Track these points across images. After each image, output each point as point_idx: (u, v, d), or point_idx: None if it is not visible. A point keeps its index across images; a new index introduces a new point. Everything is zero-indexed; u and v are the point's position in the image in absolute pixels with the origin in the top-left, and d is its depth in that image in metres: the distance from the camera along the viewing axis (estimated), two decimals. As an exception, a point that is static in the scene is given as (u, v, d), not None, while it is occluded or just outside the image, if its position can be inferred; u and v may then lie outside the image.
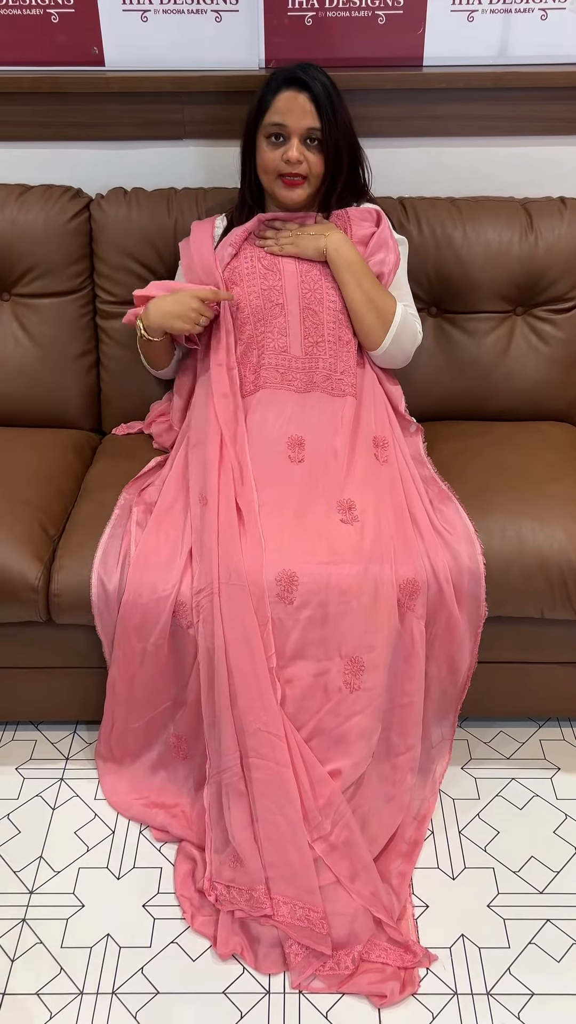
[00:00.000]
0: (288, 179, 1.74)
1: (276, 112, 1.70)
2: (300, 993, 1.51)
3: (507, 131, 2.04)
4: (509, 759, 1.91)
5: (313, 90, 1.68)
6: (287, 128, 1.70)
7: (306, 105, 1.68)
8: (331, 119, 1.69)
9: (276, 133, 1.71)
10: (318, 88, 1.68)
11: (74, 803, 1.82)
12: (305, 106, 1.68)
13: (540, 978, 1.53)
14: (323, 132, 1.70)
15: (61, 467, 1.95)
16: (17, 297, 2.05)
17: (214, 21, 1.96)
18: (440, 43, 1.97)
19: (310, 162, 1.72)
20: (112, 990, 1.52)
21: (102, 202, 2.01)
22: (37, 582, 1.70)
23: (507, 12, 1.94)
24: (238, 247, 1.81)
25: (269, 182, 1.77)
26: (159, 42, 1.97)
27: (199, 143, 2.06)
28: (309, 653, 1.57)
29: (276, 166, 1.73)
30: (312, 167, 1.73)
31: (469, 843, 1.74)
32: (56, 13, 1.95)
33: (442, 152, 2.06)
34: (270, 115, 1.71)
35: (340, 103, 1.72)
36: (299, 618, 1.56)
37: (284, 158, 1.71)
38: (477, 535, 1.68)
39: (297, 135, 1.70)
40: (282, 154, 1.71)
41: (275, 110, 1.70)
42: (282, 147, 1.72)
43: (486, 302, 2.00)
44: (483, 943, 1.58)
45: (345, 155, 1.75)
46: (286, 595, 1.55)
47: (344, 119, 1.73)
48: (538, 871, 1.69)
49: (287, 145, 1.71)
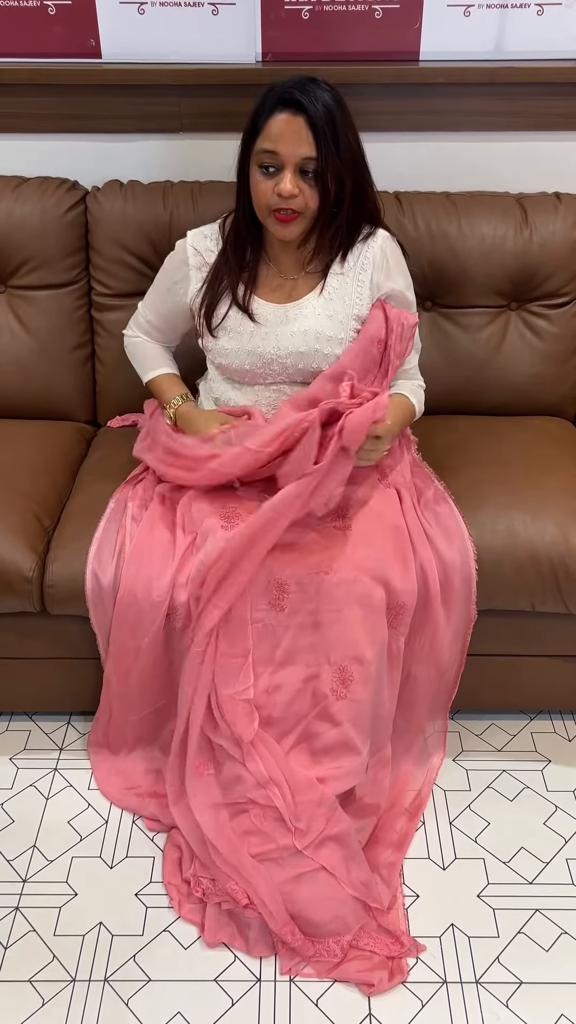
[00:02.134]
0: (281, 214, 1.54)
1: (268, 138, 1.50)
2: (291, 980, 1.52)
3: (503, 126, 2.05)
4: (500, 751, 1.92)
5: (310, 112, 1.47)
6: (280, 156, 1.50)
7: (302, 131, 1.47)
8: (330, 147, 1.48)
9: (269, 164, 1.51)
10: (316, 110, 1.47)
11: (67, 793, 1.83)
12: (301, 132, 1.48)
13: (529, 967, 1.54)
14: (319, 163, 1.49)
15: (56, 459, 1.96)
16: (13, 289, 2.05)
17: (211, 14, 1.96)
18: (437, 38, 1.97)
19: (306, 196, 1.52)
20: (104, 977, 1.53)
21: (98, 195, 2.01)
22: (31, 573, 1.70)
23: (503, 7, 1.94)
24: None
25: (263, 217, 1.58)
26: (156, 35, 1.98)
27: (195, 136, 2.06)
28: (299, 659, 1.57)
29: (268, 200, 1.53)
30: (308, 202, 1.53)
31: (460, 834, 1.75)
32: (53, 5, 1.95)
33: (438, 147, 2.07)
34: (262, 140, 1.50)
35: (345, 125, 1.51)
36: (290, 624, 1.56)
37: (276, 191, 1.51)
38: (471, 537, 1.69)
39: (291, 165, 1.50)
40: (274, 186, 1.52)
41: (267, 135, 1.50)
42: (275, 178, 1.52)
43: (481, 297, 2.01)
44: (473, 932, 1.59)
45: (348, 187, 1.55)
46: (277, 602, 1.56)
47: (349, 145, 1.52)
48: (528, 862, 1.70)
49: (280, 176, 1.51)
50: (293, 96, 1.48)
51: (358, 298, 1.66)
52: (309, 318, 1.64)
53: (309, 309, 1.65)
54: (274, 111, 1.50)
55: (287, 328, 1.65)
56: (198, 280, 1.72)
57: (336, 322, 1.65)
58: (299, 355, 1.65)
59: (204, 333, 1.72)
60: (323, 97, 1.49)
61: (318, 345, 1.64)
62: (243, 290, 1.67)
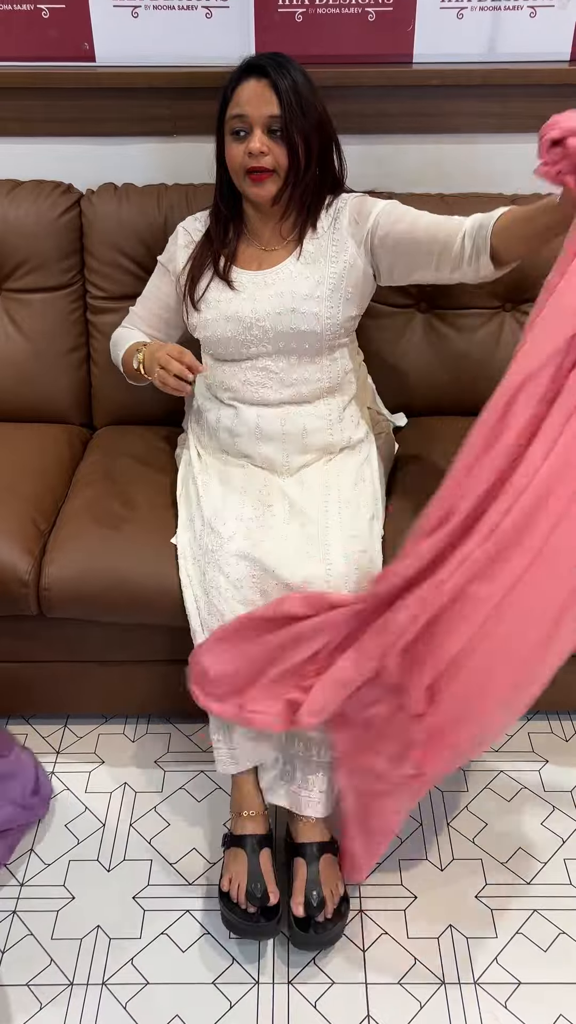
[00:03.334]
0: (254, 174, 1.61)
1: (237, 104, 1.59)
2: (289, 983, 1.52)
3: (496, 128, 2.05)
4: (498, 751, 1.92)
5: (273, 76, 1.56)
6: (248, 118, 1.58)
7: (265, 92, 1.57)
8: (294, 107, 1.57)
9: (239, 128, 1.60)
10: (280, 74, 1.57)
11: (65, 796, 1.83)
12: (265, 94, 1.57)
13: (527, 968, 1.54)
14: (284, 119, 1.57)
15: (52, 462, 1.96)
16: (8, 292, 2.05)
17: (204, 17, 1.96)
18: (430, 40, 1.97)
19: (275, 154, 1.59)
20: (102, 981, 1.53)
21: (93, 197, 2.01)
22: (28, 576, 1.70)
23: (496, 10, 1.95)
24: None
25: (239, 182, 1.65)
26: (150, 38, 1.98)
27: (189, 139, 2.06)
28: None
29: (241, 161, 1.61)
30: (278, 159, 1.60)
31: (457, 835, 1.76)
32: (47, 8, 1.95)
33: (431, 149, 2.07)
34: (231, 107, 1.60)
35: (310, 92, 1.60)
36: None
37: (247, 150, 1.59)
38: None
39: (259, 125, 1.58)
40: (245, 147, 1.60)
41: (236, 102, 1.59)
42: (246, 141, 1.60)
43: (475, 298, 2.01)
44: (471, 933, 1.59)
45: (315, 145, 1.62)
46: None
47: (314, 109, 1.60)
48: (525, 862, 1.71)
49: (250, 137, 1.59)
50: (258, 63, 1.59)
51: (337, 253, 1.67)
52: (285, 281, 1.67)
53: (285, 273, 1.68)
54: (241, 79, 1.60)
55: (264, 291, 1.68)
56: (184, 256, 1.76)
57: (313, 281, 1.66)
58: (276, 316, 1.66)
59: (189, 309, 1.73)
60: (287, 65, 1.59)
61: (294, 304, 1.65)
62: (223, 262, 1.72)
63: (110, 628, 1.77)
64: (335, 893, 1.56)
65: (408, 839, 1.74)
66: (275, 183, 1.63)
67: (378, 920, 1.61)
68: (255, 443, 1.72)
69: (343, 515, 1.64)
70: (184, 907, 1.64)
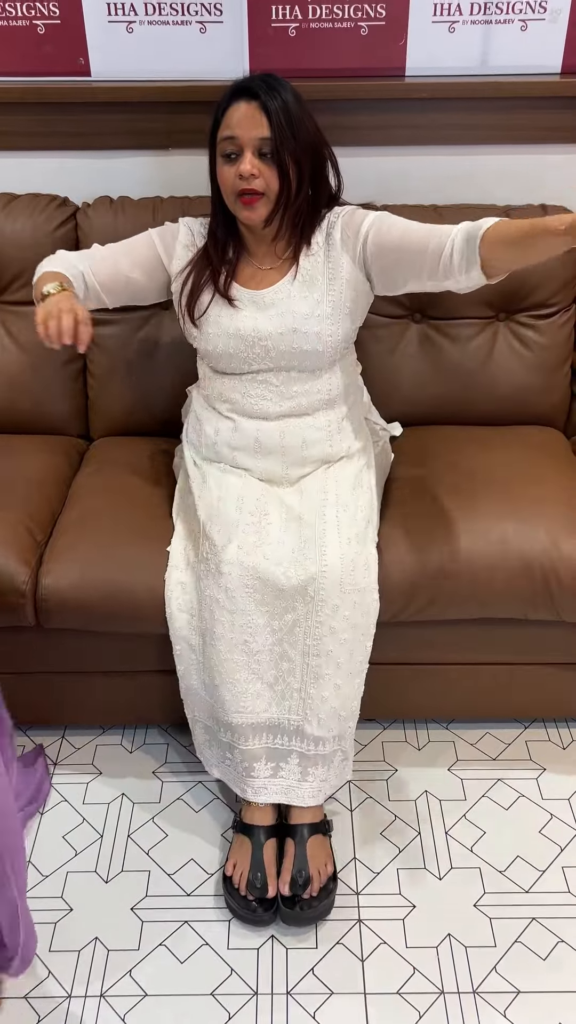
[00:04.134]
0: (245, 196, 1.59)
1: (228, 126, 1.58)
2: (288, 994, 1.52)
3: (488, 140, 2.07)
4: (495, 760, 1.92)
5: (263, 98, 1.55)
6: (239, 140, 1.57)
7: (256, 115, 1.55)
8: (284, 129, 1.56)
9: (230, 151, 1.58)
10: (270, 96, 1.56)
11: (62, 807, 1.83)
12: (255, 116, 1.56)
13: (526, 976, 1.54)
14: (274, 142, 1.56)
15: (49, 473, 1.97)
16: (4, 304, 2.06)
17: (199, 32, 1.98)
18: (422, 53, 1.99)
19: (266, 176, 1.58)
20: (100, 993, 1.52)
21: (88, 211, 2.03)
22: (25, 586, 1.70)
23: (488, 23, 1.97)
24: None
25: (231, 204, 1.64)
26: (145, 53, 2.00)
27: (184, 152, 2.07)
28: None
29: (232, 183, 1.59)
30: (268, 181, 1.59)
31: (455, 843, 1.75)
32: (42, 24, 1.97)
33: (424, 161, 2.09)
34: (222, 129, 1.59)
35: (300, 111, 1.58)
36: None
37: (238, 172, 1.58)
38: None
39: (250, 148, 1.57)
40: (236, 169, 1.58)
41: (227, 124, 1.58)
42: (236, 163, 1.59)
43: (469, 308, 2.02)
44: (469, 942, 1.59)
45: (306, 167, 1.61)
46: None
47: (305, 128, 1.59)
48: (524, 871, 1.70)
49: (241, 159, 1.58)
50: (248, 86, 1.58)
51: (334, 270, 1.67)
52: (284, 301, 1.68)
53: (284, 293, 1.68)
54: (231, 102, 1.59)
55: (265, 312, 1.68)
56: (182, 257, 1.74)
57: (312, 301, 1.67)
58: (279, 336, 1.67)
59: (186, 321, 1.73)
60: (277, 87, 1.58)
61: (296, 324, 1.66)
62: (224, 279, 1.71)
63: (107, 638, 1.78)
64: (323, 872, 1.62)
65: (406, 848, 1.74)
66: (266, 206, 1.62)
67: (376, 930, 1.61)
68: (255, 457, 1.73)
69: (341, 518, 1.65)
70: (182, 918, 1.64)
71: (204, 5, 1.95)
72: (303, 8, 1.94)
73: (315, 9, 1.94)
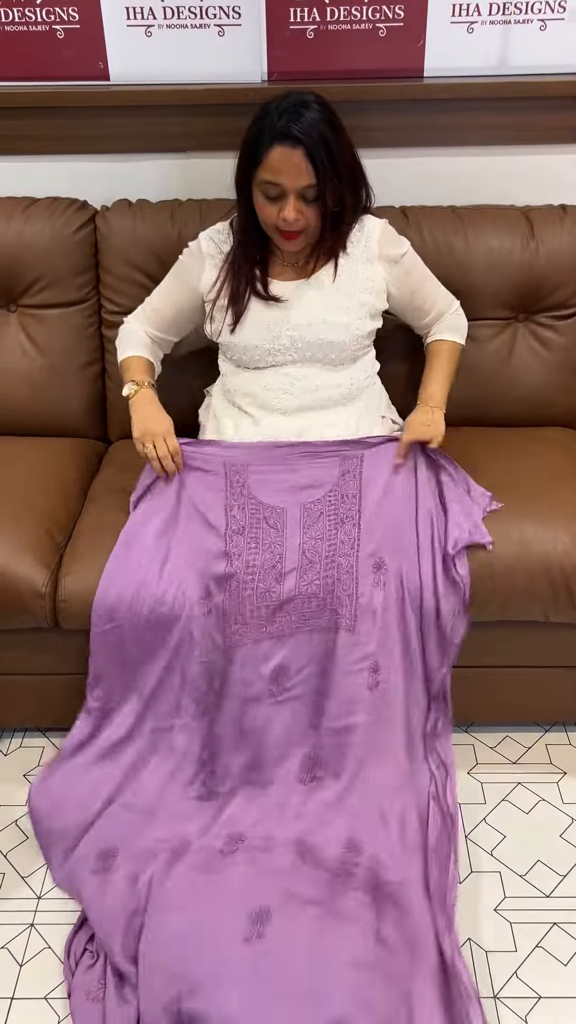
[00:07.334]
0: (286, 233, 1.66)
1: (270, 169, 1.60)
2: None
3: (508, 140, 2.06)
4: (515, 763, 1.91)
5: (306, 144, 1.57)
6: (282, 187, 1.60)
7: (301, 163, 1.58)
8: (328, 172, 1.59)
9: (273, 193, 1.62)
10: (312, 140, 1.57)
11: None
12: (300, 164, 1.58)
13: (547, 981, 1.53)
14: (319, 188, 1.60)
15: (67, 475, 1.97)
16: (24, 308, 2.07)
17: (217, 35, 1.98)
18: (440, 54, 1.99)
19: (308, 216, 1.63)
20: None
21: (107, 214, 2.04)
22: (44, 588, 1.71)
23: (506, 23, 1.96)
24: None
25: (270, 233, 1.70)
26: (163, 56, 2.00)
27: (203, 155, 2.08)
28: None
29: (274, 221, 1.65)
30: (310, 220, 1.64)
31: (476, 847, 1.74)
32: (62, 29, 1.98)
33: (443, 162, 2.09)
34: (263, 171, 1.61)
35: (339, 144, 1.61)
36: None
37: (281, 216, 1.62)
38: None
39: (293, 193, 1.60)
40: (279, 211, 1.63)
41: (268, 167, 1.60)
42: (279, 203, 1.63)
43: (488, 309, 2.02)
44: (490, 947, 1.58)
45: (348, 198, 1.67)
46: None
47: (345, 162, 1.63)
48: (545, 875, 1.69)
49: (284, 202, 1.62)
50: (290, 131, 1.57)
51: (366, 272, 1.76)
52: (314, 291, 1.74)
53: (316, 283, 1.75)
54: (273, 144, 1.59)
55: (296, 302, 1.73)
56: (213, 269, 1.78)
57: (343, 293, 1.73)
58: (307, 327, 1.73)
59: (224, 325, 1.77)
60: (316, 123, 1.58)
61: (325, 315, 1.72)
62: (258, 276, 1.76)
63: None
64: None
65: (426, 852, 1.73)
66: (307, 239, 1.68)
67: (396, 933, 1.60)
68: None
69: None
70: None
71: (222, 8, 1.95)
72: (321, 10, 1.94)
73: (333, 11, 1.94)
